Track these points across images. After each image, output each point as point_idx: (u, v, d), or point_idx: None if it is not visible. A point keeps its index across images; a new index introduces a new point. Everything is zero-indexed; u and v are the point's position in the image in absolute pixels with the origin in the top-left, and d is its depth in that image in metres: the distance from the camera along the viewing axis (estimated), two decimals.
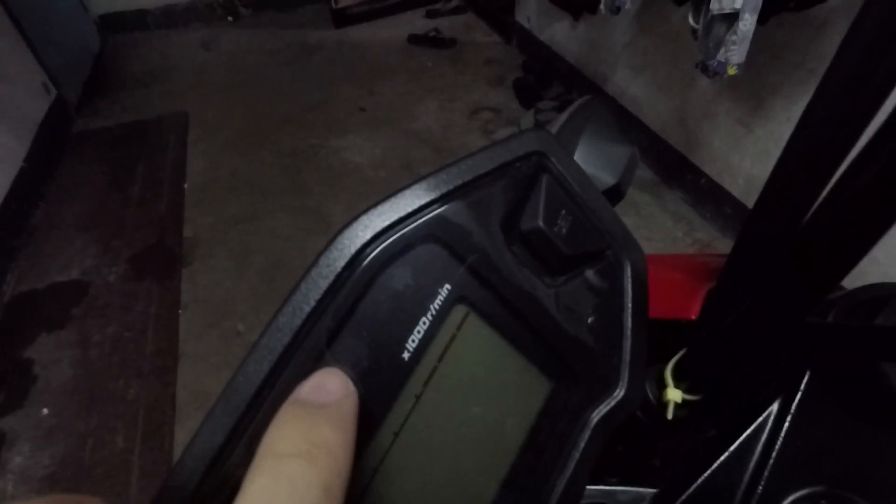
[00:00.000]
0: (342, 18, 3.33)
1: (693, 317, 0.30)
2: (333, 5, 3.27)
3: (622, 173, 0.31)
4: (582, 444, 0.20)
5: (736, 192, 1.79)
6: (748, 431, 0.26)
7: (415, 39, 3.13)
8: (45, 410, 1.48)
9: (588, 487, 0.27)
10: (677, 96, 1.95)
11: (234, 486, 0.15)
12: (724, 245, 1.84)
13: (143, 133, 2.57)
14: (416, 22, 3.34)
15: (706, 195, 1.93)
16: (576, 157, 0.31)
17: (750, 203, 1.82)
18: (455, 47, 3.08)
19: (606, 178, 0.31)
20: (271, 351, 0.16)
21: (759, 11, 1.24)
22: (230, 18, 3.58)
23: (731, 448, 0.26)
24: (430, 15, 3.40)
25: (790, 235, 0.22)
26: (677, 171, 2.04)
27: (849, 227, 0.19)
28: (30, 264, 1.93)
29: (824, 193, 0.20)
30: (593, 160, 0.31)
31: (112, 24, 3.39)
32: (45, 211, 2.17)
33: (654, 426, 0.29)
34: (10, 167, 2.09)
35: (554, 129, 0.33)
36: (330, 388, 0.16)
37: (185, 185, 2.24)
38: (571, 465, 0.20)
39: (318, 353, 0.17)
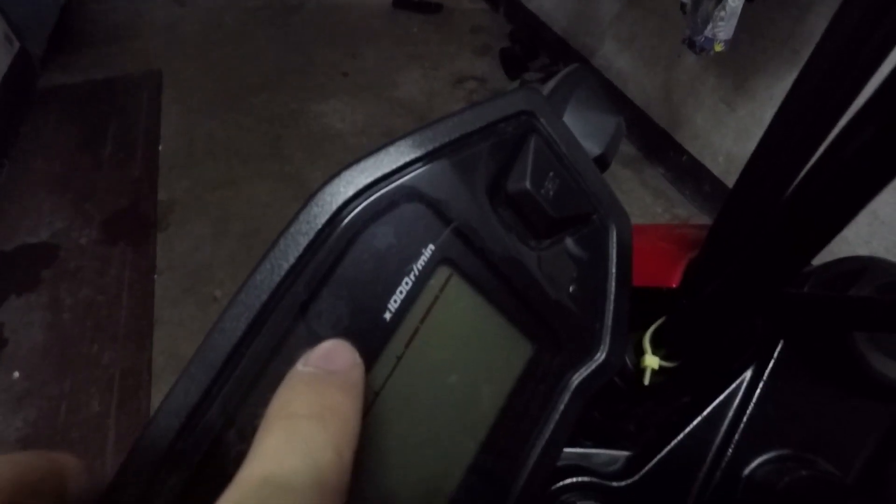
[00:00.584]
0: None
1: (674, 285, 0.31)
2: None
3: (608, 143, 0.31)
4: (561, 407, 0.20)
5: (716, 171, 1.81)
6: (721, 397, 0.27)
7: (400, 3, 3.04)
8: (17, 374, 1.45)
9: (564, 450, 0.27)
10: (663, 71, 1.94)
11: (210, 445, 0.15)
12: (703, 221, 1.88)
13: (113, 91, 2.46)
14: None
15: (686, 172, 1.95)
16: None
17: (729, 182, 1.84)
18: (441, 13, 3.00)
19: (592, 148, 0.31)
20: (248, 308, 0.16)
21: None
22: None
23: (704, 413, 0.26)
24: None
25: (771, 208, 0.22)
26: (659, 147, 2.05)
27: (827, 203, 0.20)
28: None
29: (805, 169, 0.21)
30: (580, 128, 0.31)
31: None
32: (10, 170, 2.08)
33: (630, 392, 0.30)
34: None
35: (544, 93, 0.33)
36: (339, 357, 0.15)
37: (160, 148, 2.16)
38: (550, 427, 0.20)
39: (296, 312, 0.16)
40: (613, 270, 0.22)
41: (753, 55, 1.54)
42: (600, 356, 0.21)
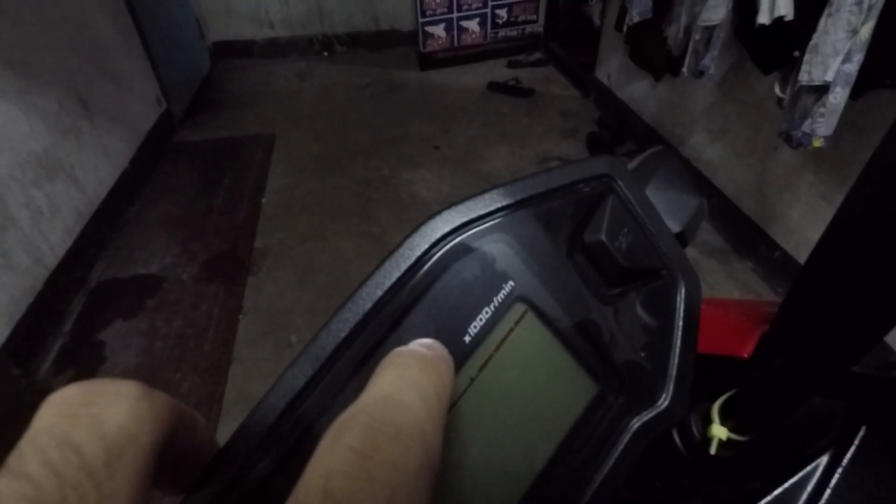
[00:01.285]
0: (428, 62, 3.52)
1: (746, 356, 0.30)
2: (421, 49, 3.46)
3: (688, 222, 0.32)
4: (620, 447, 0.21)
5: (784, 243, 1.69)
6: (793, 480, 0.25)
7: (494, 87, 3.24)
8: None
9: None
10: (756, 163, 1.89)
11: (307, 429, 0.17)
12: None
13: (233, 148, 2.79)
14: (497, 70, 3.47)
15: (778, 268, 1.83)
16: None
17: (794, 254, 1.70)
18: (532, 97, 3.16)
19: (672, 225, 0.31)
20: (354, 314, 0.18)
21: (851, 85, 1.21)
22: (325, 54, 3.88)
23: (774, 494, 0.25)
24: (512, 65, 3.52)
25: (841, 287, 0.22)
26: (749, 240, 1.96)
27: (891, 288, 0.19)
28: (117, 255, 2.11)
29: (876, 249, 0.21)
30: (660, 205, 0.32)
31: (222, 50, 3.76)
32: (138, 209, 2.37)
33: (695, 463, 0.29)
34: (117, 167, 2.33)
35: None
36: (438, 347, 0.18)
37: (263, 200, 2.39)
38: (608, 465, 0.20)
39: (393, 322, 0.18)
40: (680, 324, 0.22)
41: (857, 152, 1.47)
42: (663, 403, 0.21)
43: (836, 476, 0.24)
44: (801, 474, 0.25)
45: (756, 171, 1.90)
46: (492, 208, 0.20)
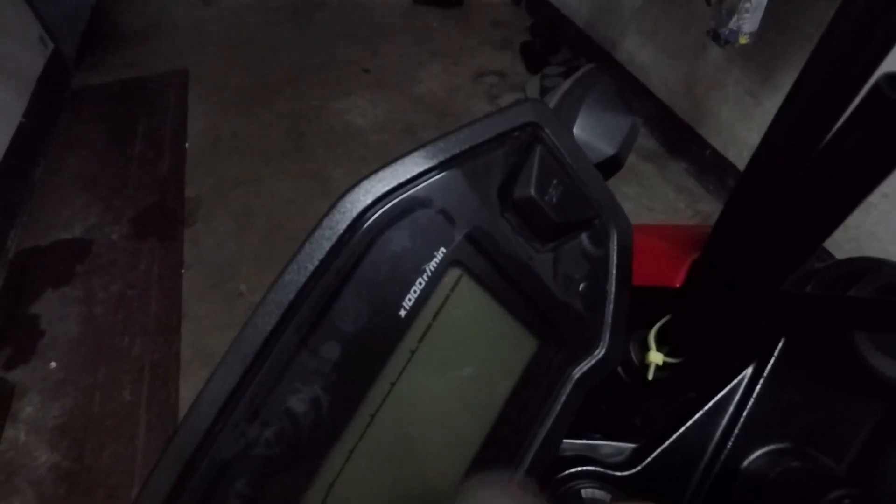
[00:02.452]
0: None
1: (677, 284, 0.31)
2: None
3: (621, 143, 0.32)
4: (562, 399, 0.22)
5: (741, 165, 1.78)
6: (723, 392, 0.27)
7: None
8: (53, 364, 1.51)
9: (573, 442, 0.28)
10: (686, 64, 1.91)
11: (239, 436, 0.17)
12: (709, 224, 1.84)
13: (142, 90, 2.53)
14: None
15: (710, 167, 1.92)
16: (576, 126, 0.31)
17: None
18: (461, 7, 2.99)
19: (605, 148, 0.31)
20: (278, 306, 0.17)
21: None
22: None
23: (706, 407, 0.27)
24: None
25: (767, 209, 0.23)
26: (682, 141, 2.02)
27: (819, 203, 0.20)
28: (33, 221, 1.94)
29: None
30: (593, 129, 0.32)
31: None
32: (46, 168, 2.16)
33: (636, 387, 0.31)
34: (10, 122, 2.07)
35: (556, 97, 0.33)
36: None
37: (186, 145, 2.22)
38: (552, 417, 0.22)
39: (321, 309, 0.18)
40: (614, 272, 0.23)
41: (781, 47, 1.50)
42: (600, 351, 0.22)
43: (759, 385, 0.27)
44: (728, 387, 0.27)
45: (686, 72, 1.93)
46: (414, 172, 0.19)
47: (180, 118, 2.35)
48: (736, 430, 0.27)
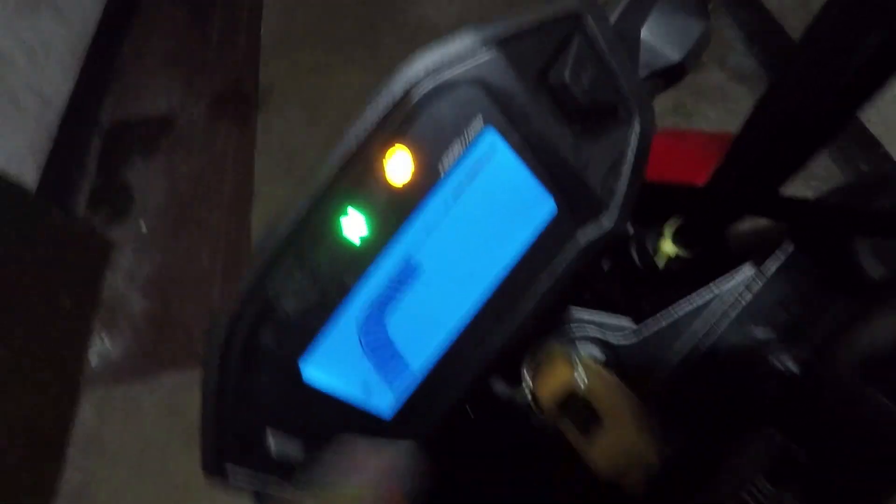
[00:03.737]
0: None
1: (701, 183, 0.32)
2: None
3: (689, 50, 0.31)
4: (567, 261, 0.24)
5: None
6: (725, 287, 0.30)
7: None
8: (144, 227, 1.69)
9: (583, 313, 0.31)
10: None
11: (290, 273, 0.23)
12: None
13: None
14: None
15: None
16: (644, 28, 0.31)
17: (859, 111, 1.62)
18: None
19: (671, 54, 0.31)
20: (345, 151, 0.22)
21: None
22: None
23: (706, 297, 0.30)
24: None
25: (783, 122, 0.24)
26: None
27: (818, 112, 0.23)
28: (124, 95, 2.07)
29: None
30: (661, 32, 0.31)
31: None
32: (133, 44, 2.25)
33: (647, 274, 0.33)
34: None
35: None
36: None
37: (261, 29, 2.23)
38: (557, 274, 0.25)
39: (373, 162, 0.22)
40: (631, 157, 0.24)
41: None
42: (608, 223, 0.24)
43: (760, 283, 0.28)
44: (731, 283, 0.29)
45: None
46: (462, 51, 0.22)
47: (256, 2, 2.35)
48: (726, 320, 0.29)
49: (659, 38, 0.31)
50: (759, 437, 0.23)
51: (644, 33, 0.31)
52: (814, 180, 1.50)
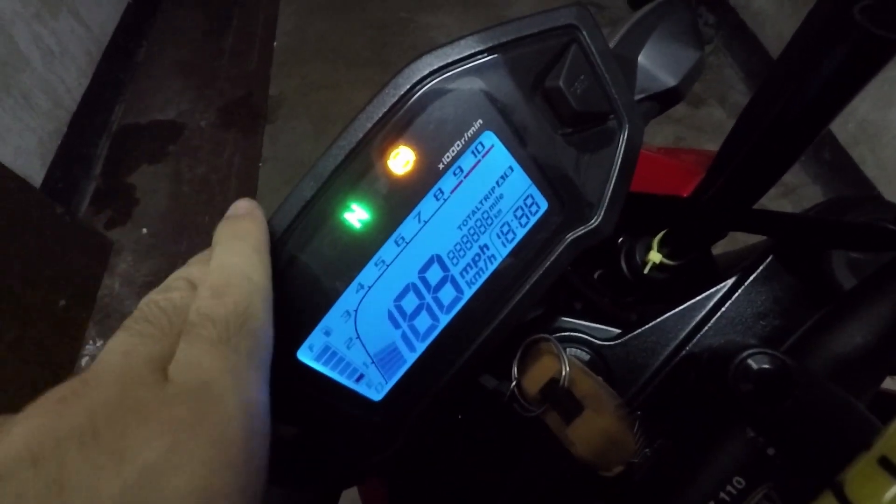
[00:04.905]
0: None
1: (685, 195, 0.34)
2: None
3: (684, 76, 0.33)
4: (553, 257, 0.26)
5: (841, 138, 1.64)
6: (706, 293, 0.31)
7: None
8: (145, 230, 1.70)
9: (570, 320, 0.32)
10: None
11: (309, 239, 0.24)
12: (813, 191, 1.73)
13: None
14: None
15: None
16: (642, 54, 0.33)
17: (853, 153, 1.66)
18: None
19: (667, 79, 0.33)
20: (348, 143, 0.23)
21: None
22: None
23: (687, 303, 0.31)
24: None
25: (762, 138, 0.25)
26: None
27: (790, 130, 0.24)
28: (134, 100, 2.10)
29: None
30: (658, 58, 0.33)
31: None
32: (148, 51, 2.30)
33: (634, 282, 0.35)
34: (119, 2, 2.20)
35: (630, 21, 0.35)
36: (241, 205, 0.24)
37: (275, 44, 2.28)
38: (542, 269, 0.26)
39: (377, 154, 0.23)
40: (618, 161, 0.26)
41: None
42: (594, 223, 0.26)
43: (739, 291, 0.30)
44: (712, 290, 0.30)
45: None
46: (465, 54, 0.23)
47: (271, 16, 2.41)
48: (706, 327, 0.30)
49: (655, 64, 0.33)
50: (735, 435, 0.24)
51: (641, 59, 0.33)
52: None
